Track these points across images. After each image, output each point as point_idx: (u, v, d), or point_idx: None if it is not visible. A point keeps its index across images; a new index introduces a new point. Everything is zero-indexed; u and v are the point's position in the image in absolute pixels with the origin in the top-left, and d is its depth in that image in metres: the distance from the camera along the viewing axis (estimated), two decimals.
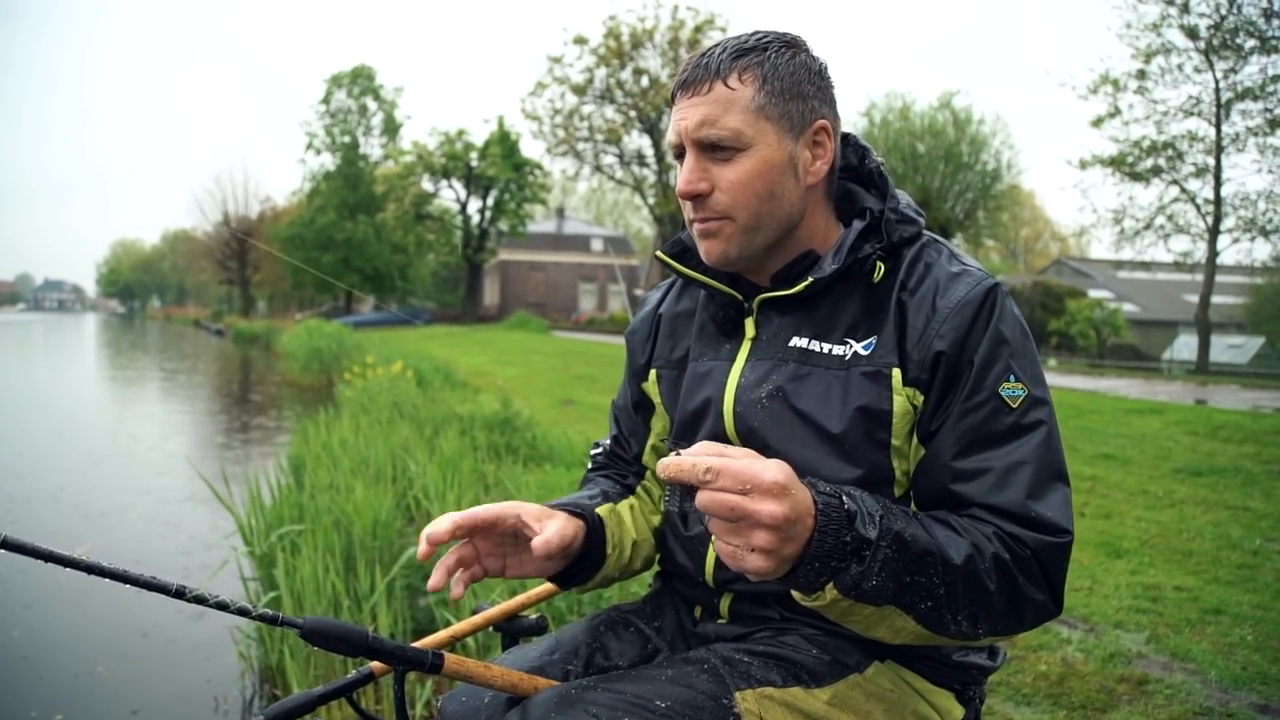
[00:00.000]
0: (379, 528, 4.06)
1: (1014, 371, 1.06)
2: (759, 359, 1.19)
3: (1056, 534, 1.00)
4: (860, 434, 1.10)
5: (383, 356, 13.94)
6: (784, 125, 1.10)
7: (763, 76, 1.09)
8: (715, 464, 0.85)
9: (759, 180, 1.10)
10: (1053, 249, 63.07)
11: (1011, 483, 1.02)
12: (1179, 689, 2.90)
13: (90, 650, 4.02)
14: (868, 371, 1.10)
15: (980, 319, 1.07)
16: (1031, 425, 1.04)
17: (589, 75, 32.63)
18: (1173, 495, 5.86)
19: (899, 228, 1.15)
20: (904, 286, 1.12)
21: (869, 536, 0.91)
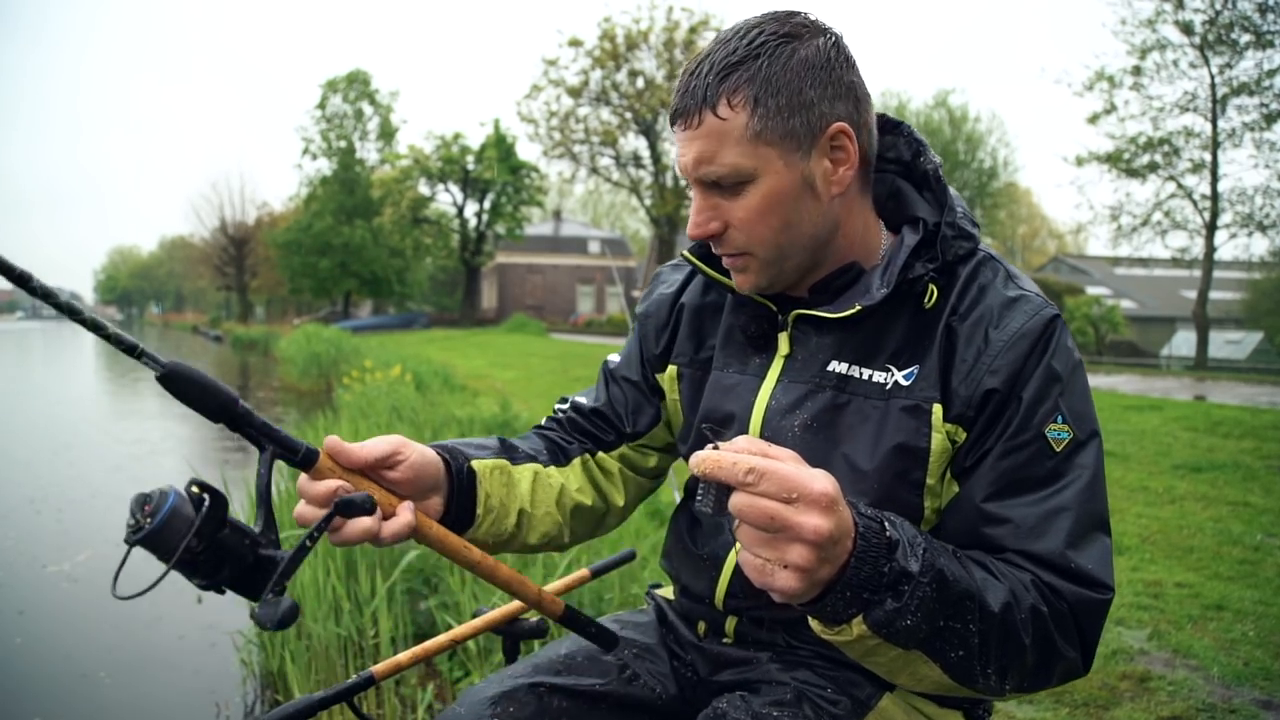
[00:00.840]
0: None
1: (1062, 411, 0.98)
2: (792, 380, 1.09)
3: (1096, 589, 0.93)
4: (893, 473, 1.02)
5: (381, 360, 13.94)
6: (789, 145, 0.97)
7: (754, 97, 0.95)
8: (760, 464, 0.74)
9: (772, 214, 1.00)
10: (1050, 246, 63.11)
11: (1049, 530, 0.94)
12: (1181, 685, 2.90)
13: (93, 657, 4.02)
14: (907, 406, 1.01)
15: (1035, 352, 0.99)
16: (1074, 469, 0.97)
17: (584, 77, 32.63)
18: (1173, 491, 5.86)
19: (955, 244, 1.04)
20: (955, 310, 1.03)
21: (910, 569, 0.81)
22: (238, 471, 8.05)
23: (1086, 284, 36.48)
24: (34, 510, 6.80)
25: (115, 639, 4.21)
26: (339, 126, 45.94)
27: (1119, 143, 22.78)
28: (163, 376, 0.85)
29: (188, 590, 4.04)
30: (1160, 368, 23.28)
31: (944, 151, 31.74)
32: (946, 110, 32.13)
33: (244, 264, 57.87)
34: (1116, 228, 23.78)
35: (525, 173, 40.45)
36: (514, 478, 1.18)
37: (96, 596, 4.80)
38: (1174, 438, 7.91)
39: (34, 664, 3.94)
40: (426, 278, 50.43)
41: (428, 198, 41.24)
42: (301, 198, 46.95)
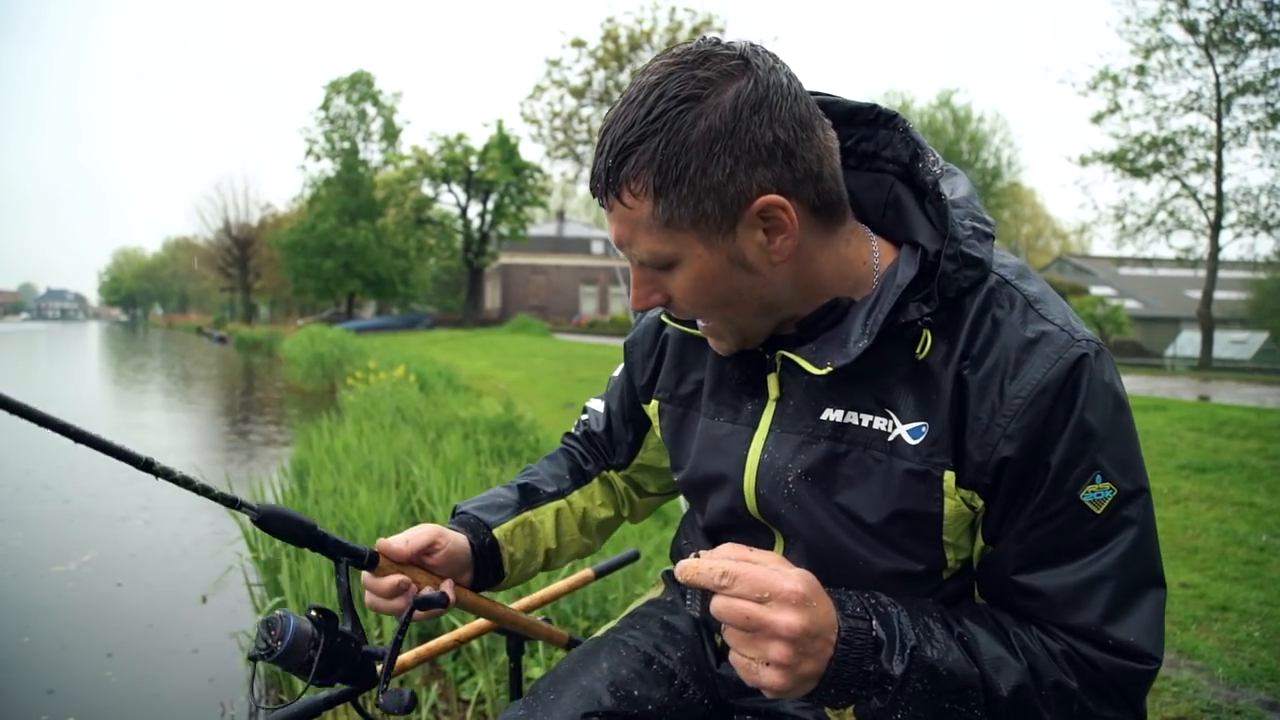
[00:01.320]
0: (383, 532, 4.06)
1: (1100, 469, 0.86)
2: (785, 430, 1.01)
3: (1139, 660, 0.87)
4: (901, 531, 0.95)
5: (385, 361, 13.96)
6: (706, 229, 0.86)
7: (655, 186, 0.84)
8: (733, 568, 0.79)
9: (706, 293, 0.92)
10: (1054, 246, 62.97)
11: (1087, 604, 0.87)
12: (1186, 686, 2.89)
13: (98, 657, 4.03)
14: (915, 470, 0.91)
15: (1059, 408, 0.86)
16: (1117, 529, 0.87)
17: (587, 78, 32.65)
18: (1177, 492, 5.84)
19: (958, 278, 0.90)
20: (965, 354, 0.90)
21: (893, 673, 0.81)
22: (242, 473, 8.07)
23: (1090, 284, 36.43)
24: (39, 512, 6.81)
25: (120, 639, 4.21)
26: (342, 127, 46.00)
27: (1123, 142, 22.74)
28: (259, 520, 1.00)
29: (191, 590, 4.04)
30: (1165, 368, 23.25)
31: (948, 152, 31.72)
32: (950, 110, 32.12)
33: (248, 265, 57.99)
34: (1121, 228, 23.75)
35: (528, 173, 40.48)
36: (536, 527, 1.26)
37: (101, 596, 4.81)
38: (1179, 438, 7.89)
39: (41, 663, 3.95)
40: (430, 278, 50.46)
41: (431, 198, 41.29)
42: (305, 199, 47.03)
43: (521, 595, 1.51)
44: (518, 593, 3.33)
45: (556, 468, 1.35)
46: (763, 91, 0.83)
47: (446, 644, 1.40)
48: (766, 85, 0.84)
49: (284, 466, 6.51)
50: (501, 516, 1.22)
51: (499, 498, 1.26)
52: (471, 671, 3.18)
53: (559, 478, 1.33)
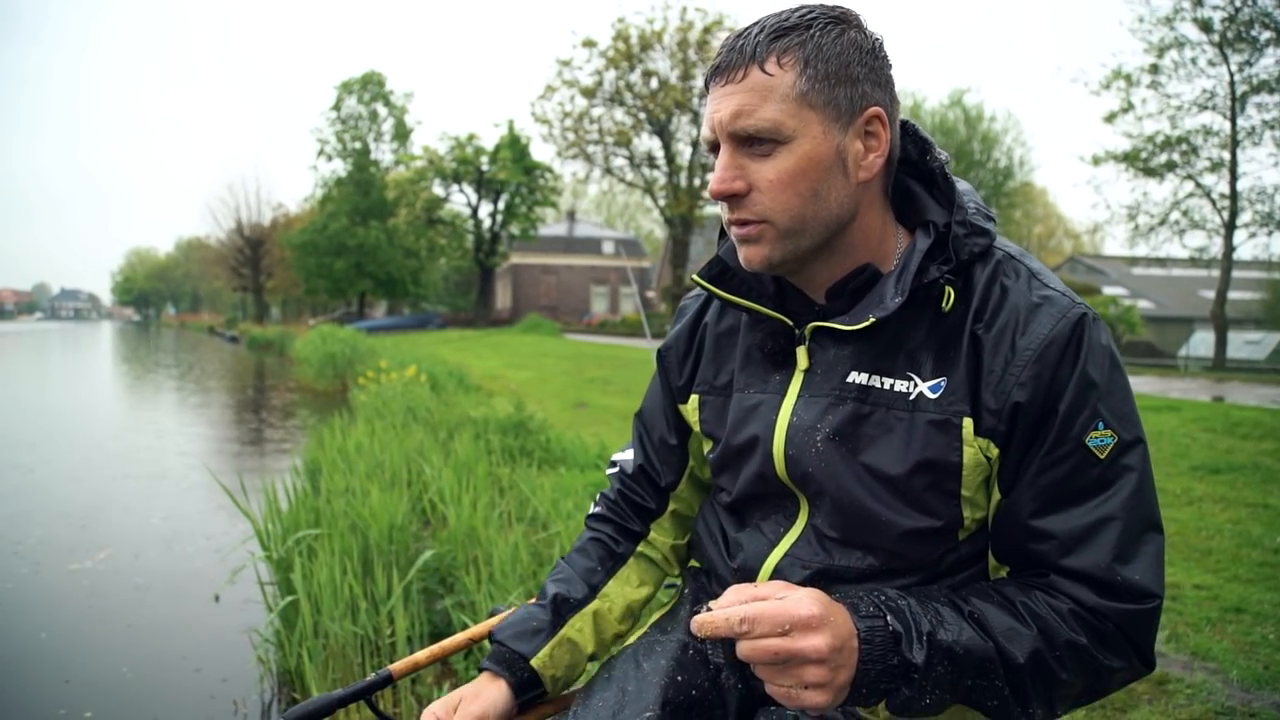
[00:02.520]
0: (395, 531, 4.08)
1: (1102, 417, 0.95)
2: (813, 395, 1.07)
3: (1143, 599, 0.93)
4: (924, 483, 1.00)
5: (396, 361, 13.99)
6: (830, 114, 0.96)
7: (805, 59, 0.95)
8: (748, 612, 0.82)
9: (802, 178, 0.96)
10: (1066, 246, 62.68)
11: (1095, 543, 0.94)
12: (1200, 688, 2.87)
13: (114, 651, 4.06)
14: (936, 420, 0.98)
15: (1065, 360, 0.95)
16: (1120, 474, 0.95)
17: (598, 78, 32.66)
18: (1191, 493, 5.81)
19: (969, 242, 1.01)
20: (978, 317, 0.99)
21: (916, 661, 0.87)
22: (255, 471, 8.12)
23: (1103, 284, 36.22)
24: (54, 510, 6.86)
25: (135, 636, 4.24)
26: (354, 128, 46.16)
27: (1136, 141, 22.62)
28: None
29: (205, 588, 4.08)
30: (1178, 368, 23.10)
31: (959, 151, 31.60)
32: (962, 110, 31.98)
33: (260, 265, 58.22)
34: (1134, 227, 23.63)
35: (539, 173, 40.51)
36: (575, 640, 1.25)
37: (115, 594, 4.84)
38: (1192, 439, 7.84)
39: (58, 657, 3.98)
40: (441, 278, 50.59)
41: (442, 199, 41.37)
42: (317, 199, 47.20)
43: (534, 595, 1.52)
44: (529, 591, 3.35)
45: (587, 560, 1.32)
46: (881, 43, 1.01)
47: (459, 643, 1.40)
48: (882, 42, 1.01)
49: (296, 466, 6.54)
50: (536, 644, 1.23)
51: (533, 620, 1.24)
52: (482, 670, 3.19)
53: (590, 572, 1.30)
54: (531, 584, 3.44)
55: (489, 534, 3.94)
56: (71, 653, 4.07)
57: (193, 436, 11.43)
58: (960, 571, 1.05)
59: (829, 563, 1.07)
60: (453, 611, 3.49)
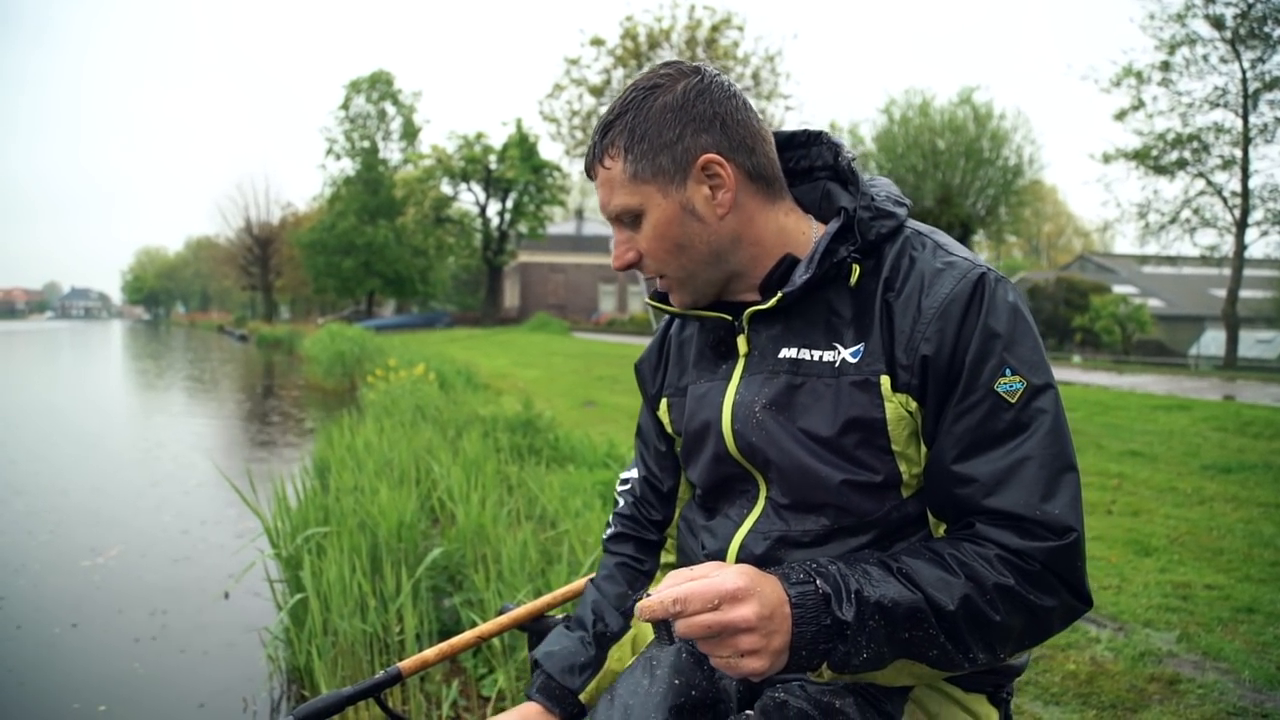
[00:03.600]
0: (404, 529, 4.08)
1: (1009, 364, 1.02)
2: (752, 374, 1.17)
3: (1064, 534, 0.98)
4: (855, 440, 1.08)
5: (405, 359, 14.02)
6: (662, 180, 1.09)
7: (625, 146, 1.10)
8: (678, 593, 0.88)
9: (664, 239, 1.12)
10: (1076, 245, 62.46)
11: (1014, 483, 0.99)
12: (1211, 688, 2.86)
13: (125, 647, 4.08)
14: (856, 381, 1.07)
15: (969, 315, 1.03)
16: (1033, 418, 1.01)
17: (606, 76, 32.62)
18: (1202, 492, 5.79)
19: (875, 224, 1.11)
20: (889, 286, 1.09)
21: (846, 619, 0.93)
22: (264, 469, 8.14)
23: (1113, 282, 36.06)
24: (65, 507, 6.90)
25: (145, 632, 4.26)
26: (362, 127, 46.25)
27: (1147, 139, 22.53)
28: None
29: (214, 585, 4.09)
30: (1188, 367, 22.98)
31: (969, 149, 31.41)
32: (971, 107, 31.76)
33: (268, 264, 58.33)
34: (1144, 225, 23.54)
35: (547, 172, 40.50)
36: (616, 670, 1.31)
37: (126, 590, 4.86)
38: (1203, 438, 7.81)
39: (71, 652, 4.01)
40: (449, 277, 50.64)
41: (450, 197, 41.41)
42: (325, 198, 47.29)
43: (543, 592, 1.51)
44: (537, 589, 3.35)
45: (616, 586, 1.38)
46: (707, 84, 1.10)
47: (468, 641, 1.40)
48: (709, 82, 1.10)
49: (305, 464, 6.56)
50: (585, 679, 1.31)
51: (578, 656, 1.32)
52: (491, 669, 3.20)
53: (622, 598, 1.37)
54: (540, 582, 3.44)
55: (498, 532, 3.94)
56: (84, 647, 4.10)
57: (202, 434, 11.47)
58: (909, 529, 1.10)
59: (786, 530, 1.13)
60: (461, 609, 3.49)
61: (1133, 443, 7.62)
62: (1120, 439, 7.83)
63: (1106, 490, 5.84)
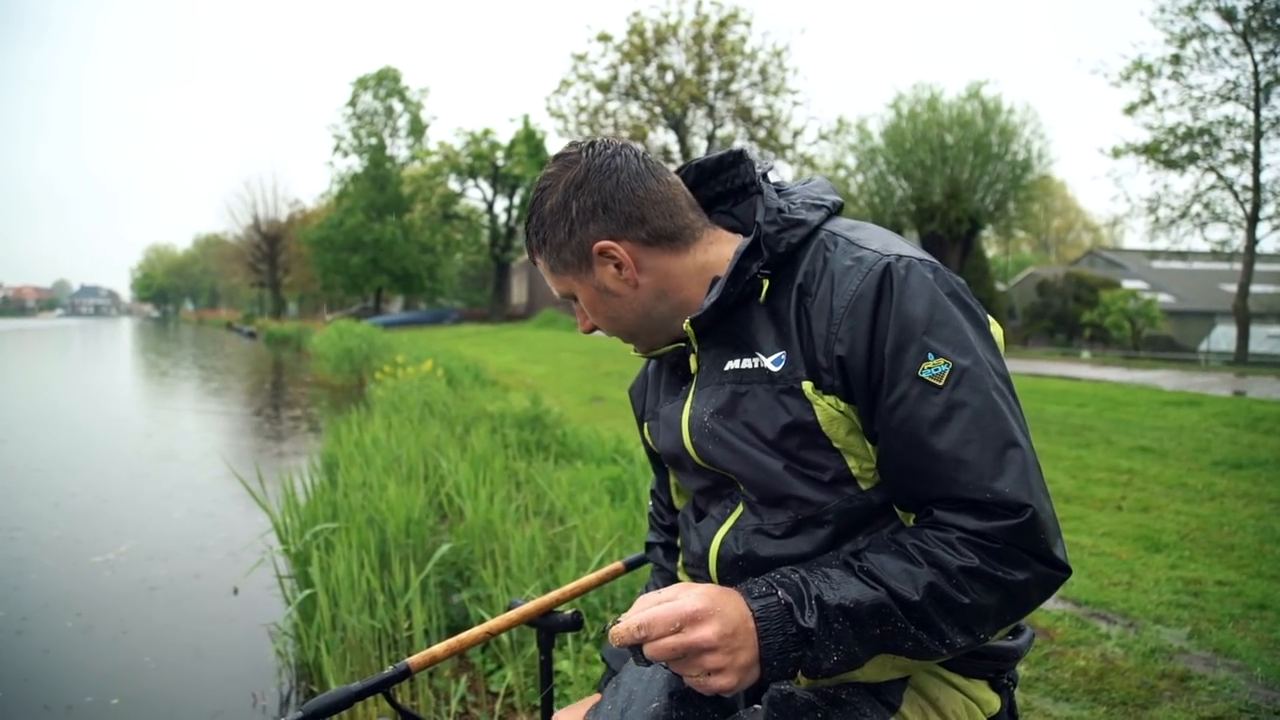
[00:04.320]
0: (412, 525, 4.09)
1: (931, 349, 1.00)
2: (703, 388, 1.21)
3: (1019, 511, 0.96)
4: (798, 442, 1.10)
5: (413, 356, 14.05)
6: (574, 269, 1.19)
7: (536, 247, 1.21)
8: (643, 618, 0.93)
9: (596, 314, 1.23)
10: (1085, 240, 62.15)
11: (958, 467, 0.98)
12: (1223, 685, 2.84)
13: (136, 641, 4.11)
14: (784, 389, 1.10)
15: (881, 308, 1.03)
16: (964, 398, 0.99)
17: (613, 72, 32.58)
18: (1213, 488, 5.76)
19: (783, 236, 1.13)
20: (805, 292, 1.10)
21: (810, 626, 0.95)
22: (273, 474, 8.16)
23: (1123, 278, 35.87)
24: (77, 503, 6.93)
25: (157, 627, 4.28)
26: (370, 124, 46.30)
27: (1157, 133, 22.40)
28: None
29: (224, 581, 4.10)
30: (1199, 363, 22.87)
31: (977, 144, 31.27)
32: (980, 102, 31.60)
33: (277, 261, 58.46)
34: (1154, 220, 23.41)
35: None
36: None
37: (137, 586, 4.88)
38: (1213, 434, 7.77)
39: (83, 646, 4.03)
40: (457, 274, 50.74)
41: (458, 194, 41.45)
42: (333, 195, 47.41)
43: (551, 588, 1.51)
44: (546, 585, 3.35)
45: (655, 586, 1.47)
46: (583, 175, 1.16)
47: (477, 636, 1.40)
48: (588, 169, 1.16)
49: (314, 460, 6.57)
50: None
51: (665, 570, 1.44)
52: (500, 664, 3.20)
53: None
54: (548, 578, 3.44)
55: (506, 528, 3.94)
56: (95, 641, 4.12)
57: (211, 430, 11.51)
58: (877, 519, 1.10)
59: (759, 524, 1.15)
60: (470, 605, 3.50)
61: (1143, 439, 7.58)
62: (1130, 435, 7.80)
63: (1117, 486, 5.81)
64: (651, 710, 1.18)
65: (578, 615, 1.49)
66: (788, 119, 32.14)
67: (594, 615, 3.22)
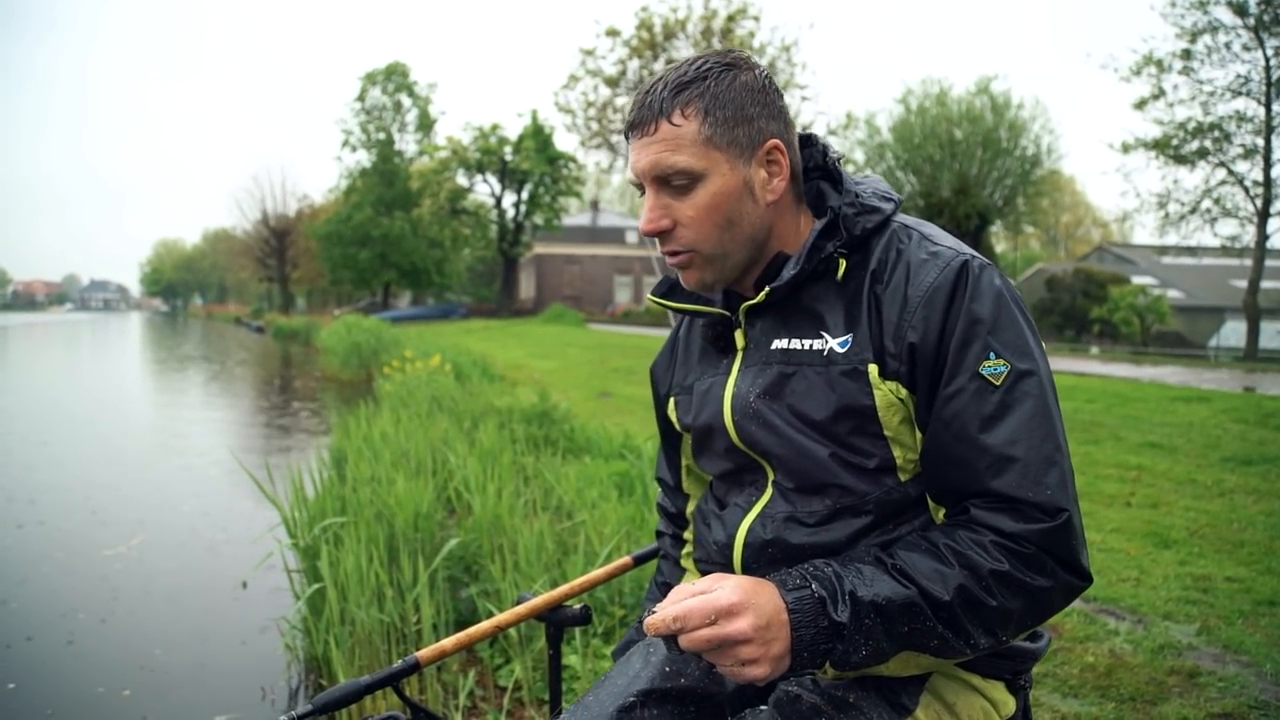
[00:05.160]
0: (420, 520, 4.10)
1: (993, 349, 1.04)
2: (748, 367, 1.21)
3: (1055, 515, 0.99)
4: (849, 427, 1.11)
5: (421, 351, 14.07)
6: (734, 152, 1.10)
7: (704, 109, 1.09)
8: (679, 610, 0.94)
9: (717, 211, 1.12)
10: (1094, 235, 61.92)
11: (1004, 466, 1.01)
12: (1232, 681, 2.84)
13: (146, 634, 4.13)
14: (846, 370, 1.10)
15: (954, 302, 1.06)
16: (1019, 400, 1.03)
17: (622, 67, 32.53)
18: (1222, 484, 5.74)
19: (859, 220, 1.14)
20: (877, 279, 1.12)
21: (842, 620, 0.97)
22: (282, 468, 8.18)
23: (1132, 273, 35.73)
24: (87, 497, 6.97)
25: (166, 621, 4.31)
26: (378, 119, 46.31)
27: (1167, 128, 22.29)
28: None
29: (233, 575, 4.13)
30: (1208, 359, 22.77)
31: (986, 139, 31.19)
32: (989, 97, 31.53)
33: (285, 256, 58.55)
34: (1164, 216, 23.30)
35: (563, 163, 40.50)
36: None
37: (147, 579, 4.91)
38: (1223, 430, 7.74)
39: (94, 637, 4.06)
40: (465, 269, 50.74)
41: (466, 189, 41.46)
42: (341, 190, 47.40)
43: (559, 583, 1.52)
44: (554, 580, 3.36)
45: (661, 576, 1.50)
46: (771, 78, 1.15)
47: (487, 630, 1.41)
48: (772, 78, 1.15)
49: (322, 455, 6.60)
50: None
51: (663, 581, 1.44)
52: (508, 659, 3.21)
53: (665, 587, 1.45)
54: (556, 573, 3.45)
55: (514, 523, 3.95)
56: (106, 634, 4.14)
57: (221, 424, 11.56)
58: (910, 511, 1.12)
59: (792, 511, 1.16)
60: (478, 599, 3.51)
61: (1152, 435, 7.56)
62: (1139, 431, 7.77)
63: (1125, 482, 5.80)
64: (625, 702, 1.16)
65: (586, 610, 1.50)
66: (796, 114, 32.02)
67: (602, 610, 3.23)
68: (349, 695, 1.24)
